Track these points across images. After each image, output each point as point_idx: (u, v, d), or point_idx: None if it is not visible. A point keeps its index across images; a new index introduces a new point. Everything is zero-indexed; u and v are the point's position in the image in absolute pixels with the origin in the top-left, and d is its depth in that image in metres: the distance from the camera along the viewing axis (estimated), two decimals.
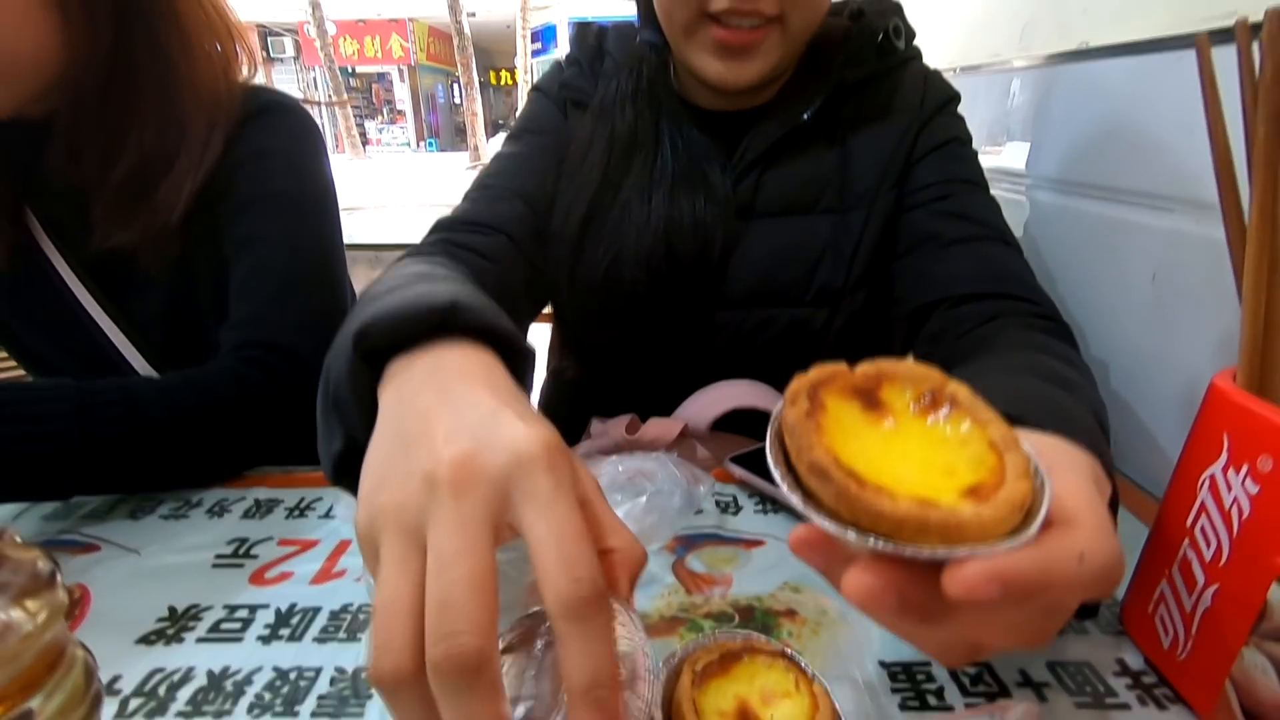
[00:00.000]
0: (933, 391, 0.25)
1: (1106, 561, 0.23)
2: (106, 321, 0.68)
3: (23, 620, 0.21)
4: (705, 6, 0.55)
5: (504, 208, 0.64)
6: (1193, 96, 0.37)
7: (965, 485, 0.23)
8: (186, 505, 0.55)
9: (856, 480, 0.22)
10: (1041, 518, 0.22)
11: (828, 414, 0.24)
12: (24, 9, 0.55)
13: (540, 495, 0.24)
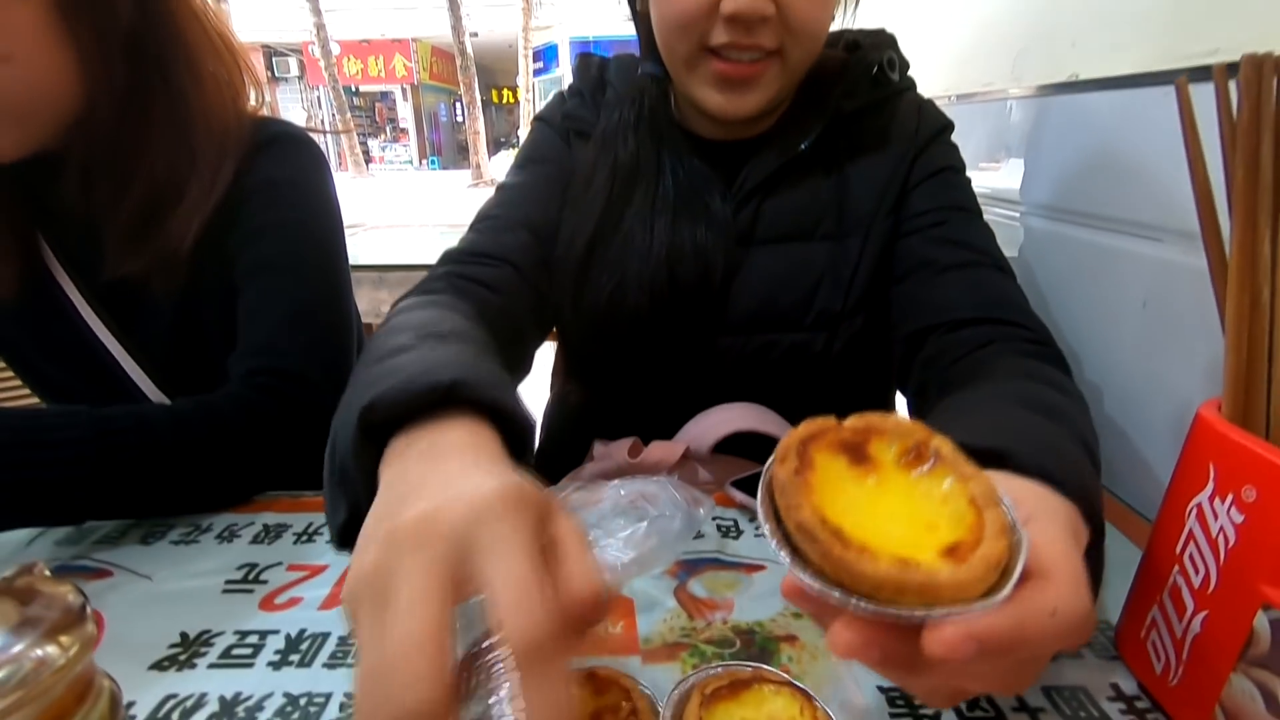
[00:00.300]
0: (917, 446, 0.27)
1: (1077, 617, 0.24)
2: (117, 348, 0.69)
3: (55, 655, 0.22)
4: (706, 40, 0.57)
5: (509, 238, 0.65)
6: (1178, 130, 0.39)
7: (945, 544, 0.24)
8: (197, 530, 0.56)
9: (840, 540, 0.23)
10: (1016, 577, 0.23)
11: (816, 471, 0.26)
12: (41, 52, 0.56)
13: (495, 543, 0.25)
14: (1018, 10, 0.81)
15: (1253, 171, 0.36)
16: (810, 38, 0.58)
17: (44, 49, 0.57)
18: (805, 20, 0.56)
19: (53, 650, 0.22)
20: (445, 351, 0.41)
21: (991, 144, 0.85)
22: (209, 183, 0.65)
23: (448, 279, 0.59)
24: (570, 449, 0.74)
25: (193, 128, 0.64)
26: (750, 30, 0.55)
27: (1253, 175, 0.36)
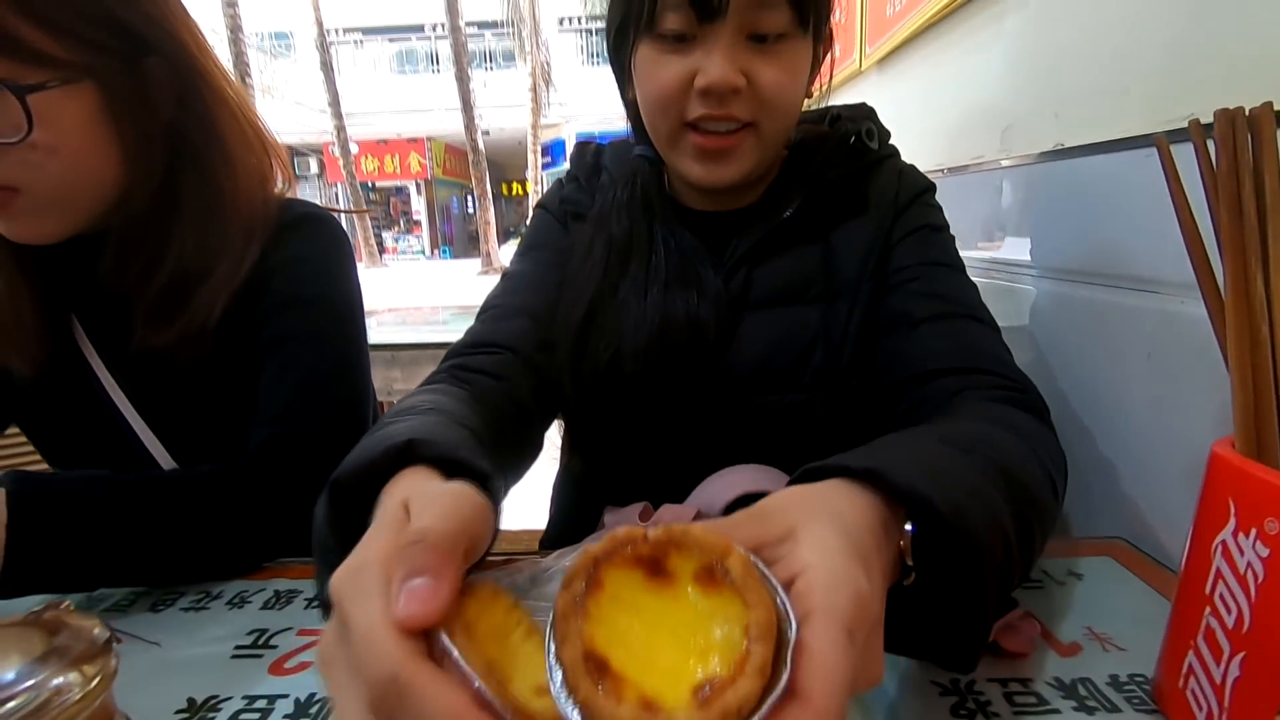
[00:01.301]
0: (711, 564, 0.26)
1: (833, 681, 0.23)
2: (136, 420, 0.70)
3: (76, 685, 0.22)
4: (684, 115, 0.61)
5: (508, 326, 0.67)
6: (1164, 187, 0.41)
7: (699, 681, 0.23)
8: (207, 597, 0.55)
9: (595, 676, 0.23)
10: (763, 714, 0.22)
11: (604, 591, 0.25)
12: (87, 144, 0.60)
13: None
14: (1003, 87, 0.86)
15: (1237, 215, 0.38)
16: (781, 109, 0.61)
17: (90, 141, 0.60)
18: (774, 90, 0.59)
19: (74, 679, 0.22)
20: (415, 421, 0.42)
21: (986, 214, 0.88)
22: (236, 261, 0.67)
23: (449, 372, 0.61)
24: (581, 520, 0.73)
25: (223, 211, 0.67)
26: (723, 102, 0.58)
27: (1237, 218, 0.38)
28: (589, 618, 0.24)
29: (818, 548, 0.28)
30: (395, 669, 0.23)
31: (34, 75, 0.55)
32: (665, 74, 0.60)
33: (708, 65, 0.57)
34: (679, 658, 0.24)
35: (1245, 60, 0.51)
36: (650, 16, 0.59)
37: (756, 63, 0.58)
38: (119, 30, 0.59)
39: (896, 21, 1.16)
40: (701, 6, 0.57)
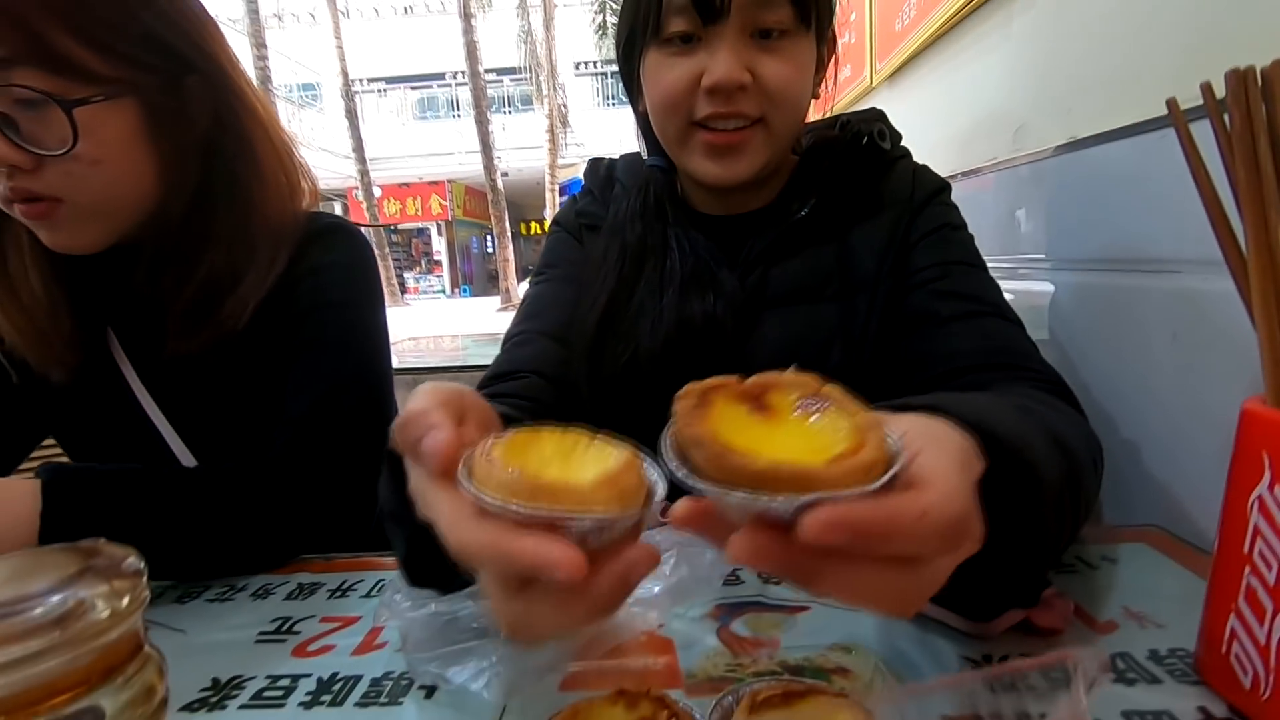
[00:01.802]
0: (812, 393, 0.29)
1: (949, 518, 0.25)
2: (165, 426, 0.72)
3: (107, 601, 0.23)
4: (692, 115, 0.62)
5: (530, 350, 0.68)
6: (1180, 168, 0.41)
7: (826, 458, 0.25)
8: (231, 589, 0.56)
9: (726, 447, 0.25)
10: (889, 475, 0.24)
11: (715, 408, 0.28)
12: (128, 156, 0.62)
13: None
14: (1014, 88, 0.87)
15: (1254, 170, 0.38)
16: (788, 103, 0.62)
17: (130, 154, 0.63)
18: (780, 85, 0.60)
19: (104, 597, 0.22)
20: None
21: (1002, 213, 0.88)
22: (265, 270, 0.69)
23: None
24: None
25: (253, 222, 0.69)
26: (730, 99, 0.60)
27: (1254, 173, 0.38)
28: (707, 418, 0.26)
29: (911, 420, 0.29)
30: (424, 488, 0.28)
31: (80, 90, 0.57)
32: (673, 75, 0.61)
33: (713, 64, 0.59)
34: (797, 454, 0.25)
35: (1254, 33, 0.52)
36: (656, 22, 0.61)
37: (761, 59, 0.60)
38: (161, 50, 0.62)
39: (905, 35, 1.18)
40: (704, 8, 0.58)
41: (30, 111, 0.57)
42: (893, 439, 0.26)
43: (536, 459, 0.28)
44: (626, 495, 0.27)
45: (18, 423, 0.75)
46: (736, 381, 0.29)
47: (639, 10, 0.63)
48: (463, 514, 0.27)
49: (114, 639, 0.22)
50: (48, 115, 0.57)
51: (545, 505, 0.25)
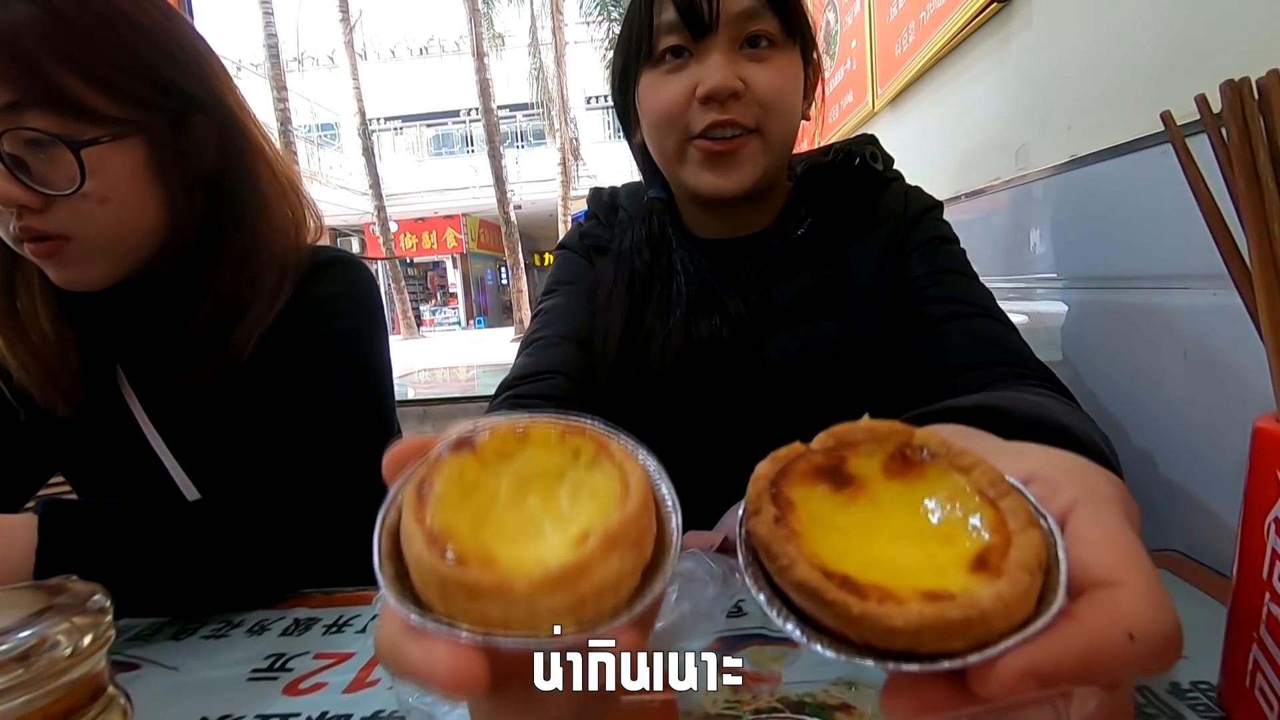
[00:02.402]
0: (901, 449, 0.23)
1: (1161, 635, 0.19)
2: (170, 460, 0.72)
3: (70, 640, 0.22)
4: (689, 129, 0.63)
5: (555, 353, 0.69)
6: (1182, 182, 0.40)
7: (970, 556, 0.20)
8: (228, 625, 0.55)
9: (854, 592, 0.19)
10: (1064, 582, 0.19)
11: (797, 512, 0.22)
12: (136, 194, 0.63)
13: None
14: (1014, 108, 0.87)
15: (1253, 181, 0.37)
16: (780, 111, 0.63)
17: (138, 192, 0.63)
18: (772, 92, 0.61)
19: (66, 635, 0.22)
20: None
21: (1006, 233, 0.87)
22: (269, 302, 0.69)
23: (506, 401, 0.63)
24: None
25: (258, 255, 0.70)
26: (725, 107, 0.61)
27: (1254, 184, 0.37)
28: (798, 538, 0.21)
29: (1037, 455, 0.24)
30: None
31: (88, 131, 0.58)
32: (668, 90, 0.63)
33: (707, 73, 0.60)
34: (922, 550, 0.21)
35: (1247, 46, 0.51)
36: (649, 45, 0.63)
37: (751, 69, 0.61)
38: (167, 90, 0.64)
39: (904, 60, 1.19)
40: (693, 23, 0.60)
41: (39, 152, 0.58)
42: (1030, 498, 0.21)
43: (492, 504, 0.22)
44: (605, 595, 0.20)
45: (25, 459, 0.76)
46: (803, 452, 0.24)
47: (631, 38, 0.65)
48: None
49: (76, 678, 0.22)
50: (56, 155, 0.58)
51: (470, 627, 0.19)
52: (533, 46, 15.93)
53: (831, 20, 1.72)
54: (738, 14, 0.61)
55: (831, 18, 1.71)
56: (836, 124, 1.70)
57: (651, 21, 0.63)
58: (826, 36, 1.78)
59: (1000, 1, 0.84)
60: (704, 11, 0.60)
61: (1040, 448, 0.25)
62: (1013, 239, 0.86)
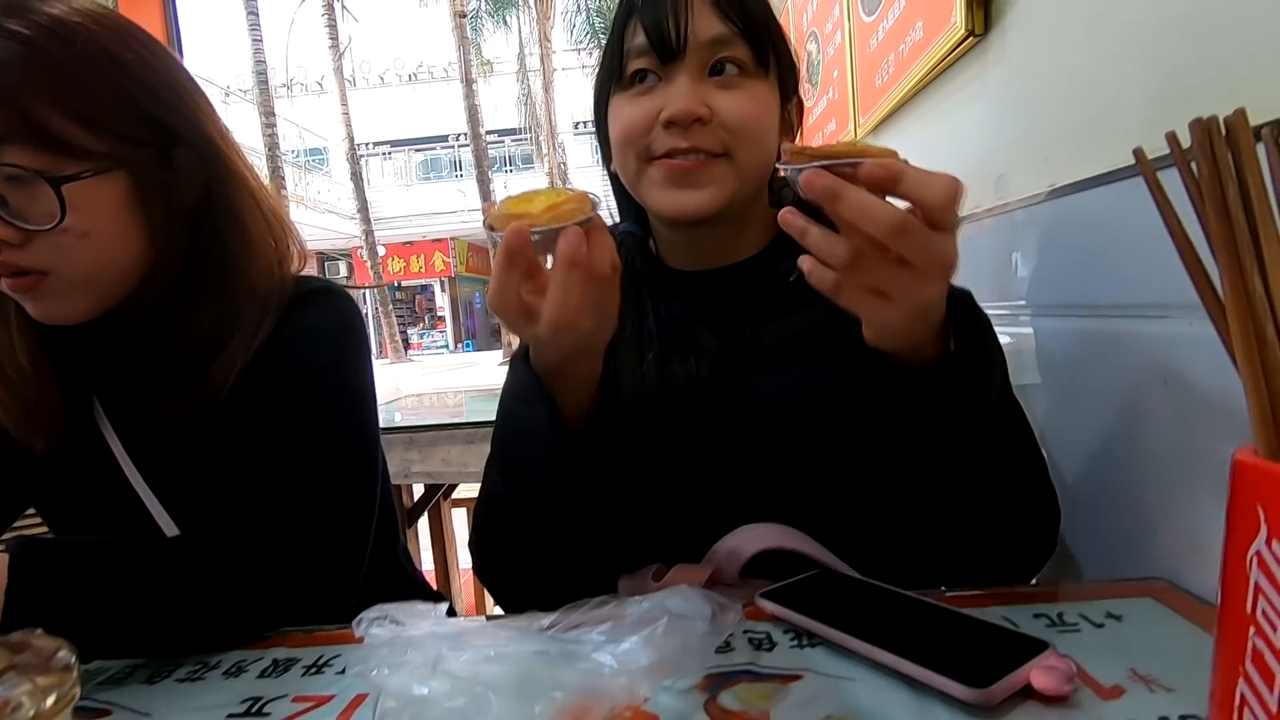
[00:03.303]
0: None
1: (943, 180, 0.43)
2: (148, 494, 0.71)
3: (32, 702, 0.21)
4: (651, 150, 0.62)
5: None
6: (1157, 214, 0.41)
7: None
8: (204, 668, 0.53)
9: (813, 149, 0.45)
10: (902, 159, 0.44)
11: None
12: (117, 228, 0.62)
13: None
14: (993, 138, 0.89)
15: (1224, 217, 0.38)
16: (751, 138, 0.62)
17: (119, 226, 0.63)
18: (740, 118, 0.61)
19: (28, 697, 0.21)
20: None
21: (988, 260, 0.88)
22: (251, 334, 0.68)
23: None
24: (595, 584, 0.71)
25: (240, 288, 0.69)
26: (688, 133, 0.60)
27: (1225, 220, 0.38)
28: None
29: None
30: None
31: (70, 166, 0.58)
32: (632, 111, 0.63)
33: (671, 98, 0.60)
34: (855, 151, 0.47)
35: (1216, 83, 0.53)
36: (619, 68, 0.63)
37: (720, 96, 0.61)
38: (150, 124, 0.63)
39: (885, 91, 1.21)
40: (661, 47, 0.60)
41: (18, 187, 0.57)
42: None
43: (523, 204, 0.50)
44: (562, 217, 0.48)
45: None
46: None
47: (604, 68, 0.66)
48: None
49: None
50: (36, 190, 0.58)
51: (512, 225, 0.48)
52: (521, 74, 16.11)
53: (814, 51, 1.75)
54: (707, 40, 0.61)
55: (814, 48, 1.75)
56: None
57: (623, 46, 0.64)
58: (809, 66, 1.81)
59: (976, 36, 0.86)
60: (672, 37, 0.60)
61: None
62: (993, 265, 0.87)
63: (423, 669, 0.41)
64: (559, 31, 15.51)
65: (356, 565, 0.67)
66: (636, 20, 0.63)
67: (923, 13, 1.00)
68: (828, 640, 0.49)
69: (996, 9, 0.84)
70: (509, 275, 0.49)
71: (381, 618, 0.46)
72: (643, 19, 0.62)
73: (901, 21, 1.10)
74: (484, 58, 16.27)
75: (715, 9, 0.61)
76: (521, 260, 0.49)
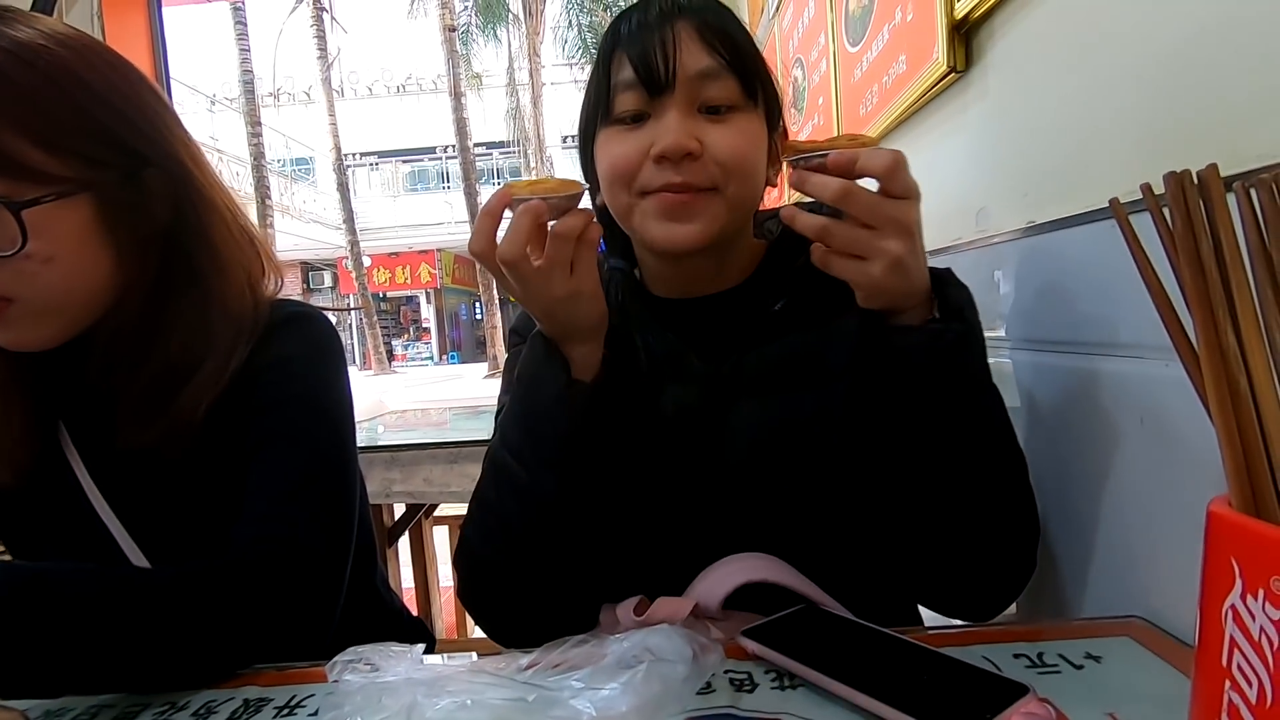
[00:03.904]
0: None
1: (885, 153, 0.55)
2: (115, 523, 0.69)
3: None
4: (642, 186, 0.62)
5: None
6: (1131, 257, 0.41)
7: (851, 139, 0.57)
8: (172, 709, 0.52)
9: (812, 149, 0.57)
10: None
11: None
12: (84, 253, 0.61)
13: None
14: (974, 172, 0.90)
15: (1198, 270, 0.38)
16: (741, 172, 0.62)
17: (85, 250, 0.61)
18: (730, 152, 0.61)
19: None
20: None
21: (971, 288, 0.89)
22: (223, 361, 0.67)
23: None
24: (578, 617, 0.70)
25: (211, 312, 0.67)
26: (679, 168, 0.60)
27: (1199, 273, 0.38)
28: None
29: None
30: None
31: (30, 191, 0.56)
32: (622, 148, 0.62)
33: (661, 133, 0.60)
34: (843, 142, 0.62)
35: (1191, 130, 0.54)
36: (607, 103, 0.63)
37: (710, 130, 0.61)
38: (117, 146, 0.62)
39: (869, 120, 1.23)
40: (650, 82, 0.60)
41: None
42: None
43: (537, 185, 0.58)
44: (567, 187, 0.58)
45: None
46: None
47: (590, 102, 0.66)
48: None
49: None
50: None
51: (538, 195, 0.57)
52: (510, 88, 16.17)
53: (799, 77, 1.77)
54: (696, 74, 0.61)
55: (799, 74, 1.77)
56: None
57: (610, 80, 0.63)
58: (795, 91, 1.83)
59: (957, 72, 0.87)
60: (660, 70, 0.60)
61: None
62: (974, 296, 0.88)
63: (398, 718, 0.40)
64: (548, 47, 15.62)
65: (334, 599, 0.66)
66: (623, 54, 0.63)
67: (906, 46, 1.02)
68: (809, 682, 0.49)
69: (977, 47, 0.86)
70: (488, 222, 0.60)
71: (355, 661, 0.46)
72: (628, 52, 0.62)
73: (885, 54, 1.12)
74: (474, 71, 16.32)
75: (702, 41, 0.62)
76: (499, 212, 0.59)
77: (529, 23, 14.85)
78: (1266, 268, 0.36)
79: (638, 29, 0.62)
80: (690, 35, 0.61)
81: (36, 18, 0.61)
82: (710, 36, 0.62)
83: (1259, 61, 0.48)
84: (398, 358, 22.37)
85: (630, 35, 0.63)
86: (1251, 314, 0.37)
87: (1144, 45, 0.58)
